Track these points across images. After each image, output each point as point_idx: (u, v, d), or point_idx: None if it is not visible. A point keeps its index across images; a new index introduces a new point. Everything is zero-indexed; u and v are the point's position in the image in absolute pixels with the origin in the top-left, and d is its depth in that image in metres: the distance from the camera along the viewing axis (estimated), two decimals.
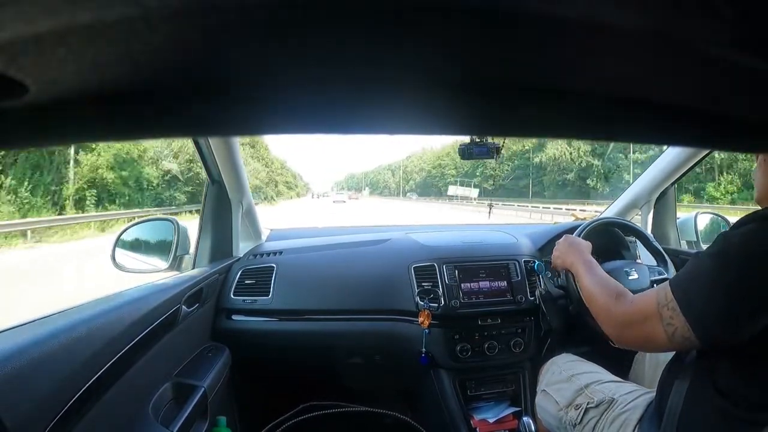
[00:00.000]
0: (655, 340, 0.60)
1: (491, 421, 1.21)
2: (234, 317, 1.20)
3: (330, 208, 21.52)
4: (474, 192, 33.15)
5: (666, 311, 0.58)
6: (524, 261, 1.29)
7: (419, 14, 0.14)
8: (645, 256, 1.25)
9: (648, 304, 0.62)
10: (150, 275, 1.04)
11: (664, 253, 1.13)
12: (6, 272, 5.99)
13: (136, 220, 1.13)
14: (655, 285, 1.05)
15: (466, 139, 1.04)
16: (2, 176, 11.06)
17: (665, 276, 1.07)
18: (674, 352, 0.73)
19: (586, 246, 0.94)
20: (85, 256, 6.87)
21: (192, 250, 1.19)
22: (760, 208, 0.63)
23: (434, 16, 0.14)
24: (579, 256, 0.88)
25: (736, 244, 0.55)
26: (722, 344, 0.56)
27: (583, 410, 0.84)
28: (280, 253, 1.32)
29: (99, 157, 14.35)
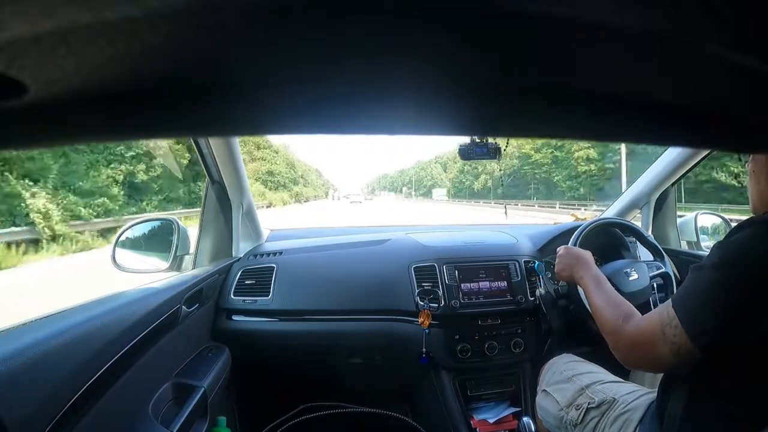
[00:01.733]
0: (662, 360, 0.60)
1: (491, 421, 1.21)
2: (234, 317, 1.20)
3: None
4: None
5: (669, 329, 0.58)
6: (524, 261, 1.29)
7: (419, 15, 0.14)
8: (645, 256, 1.25)
9: (652, 326, 0.62)
10: (150, 275, 1.04)
11: (659, 247, 1.13)
12: None
13: (136, 219, 1.13)
14: (654, 282, 1.05)
15: (467, 139, 1.04)
16: None
17: (663, 270, 1.08)
18: None
19: (590, 257, 0.94)
20: None
21: (192, 250, 1.19)
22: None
23: (434, 17, 0.14)
24: (587, 270, 0.88)
25: (731, 252, 0.56)
26: (723, 351, 0.56)
27: (583, 410, 0.84)
28: (281, 253, 1.32)
29: None
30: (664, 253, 1.13)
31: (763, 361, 0.55)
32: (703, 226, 1.40)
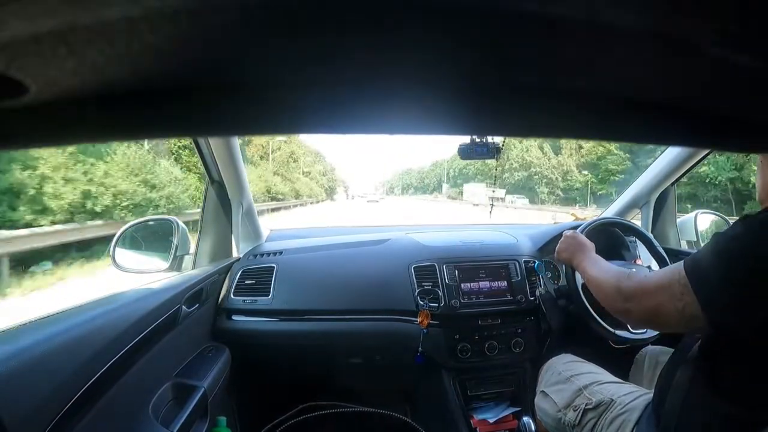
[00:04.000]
0: (664, 312, 0.59)
1: (491, 421, 1.21)
2: (234, 317, 1.20)
3: None
4: None
5: (677, 286, 0.58)
6: (524, 261, 1.29)
7: (420, 15, 0.14)
8: (645, 257, 1.25)
9: (660, 277, 0.61)
10: (150, 275, 1.03)
11: (666, 257, 1.11)
12: None
13: (136, 219, 1.13)
14: None
15: (467, 139, 1.04)
16: None
17: None
18: (672, 352, 0.73)
19: (592, 246, 0.94)
20: None
21: (192, 250, 1.19)
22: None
23: (434, 18, 0.14)
24: (586, 255, 0.89)
25: (754, 230, 0.54)
26: (728, 330, 0.55)
27: (581, 411, 0.84)
28: (281, 253, 1.32)
29: None
30: (669, 263, 1.11)
31: (763, 359, 0.55)
32: (702, 225, 1.40)
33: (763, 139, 0.24)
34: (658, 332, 1.01)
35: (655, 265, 1.14)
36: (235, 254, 1.30)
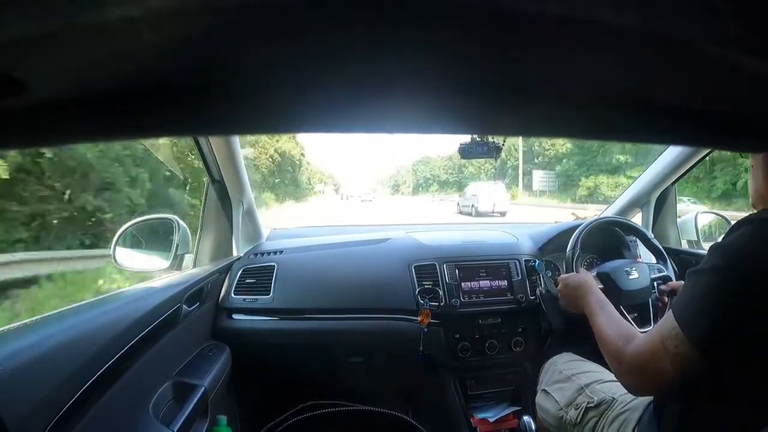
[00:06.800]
0: (665, 376, 0.58)
1: (492, 420, 1.21)
2: (234, 316, 1.20)
3: None
4: None
5: (670, 341, 0.57)
6: (525, 260, 1.29)
7: (421, 16, 0.14)
8: (646, 256, 1.25)
9: (652, 341, 0.60)
10: (151, 274, 1.04)
11: (662, 250, 1.12)
12: None
13: (136, 219, 1.13)
14: (655, 283, 1.04)
15: (467, 138, 1.04)
16: None
17: (665, 273, 1.07)
18: None
19: (591, 280, 0.91)
20: None
21: (193, 249, 1.19)
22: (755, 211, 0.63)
23: (435, 18, 0.14)
24: (590, 294, 0.85)
25: (728, 255, 0.55)
26: (723, 355, 0.55)
27: (582, 410, 0.84)
28: (281, 252, 1.32)
29: None
30: (666, 256, 1.11)
31: (761, 362, 0.55)
32: (703, 224, 1.40)
33: (762, 140, 0.24)
34: None
35: (653, 261, 1.14)
36: (235, 253, 1.30)
